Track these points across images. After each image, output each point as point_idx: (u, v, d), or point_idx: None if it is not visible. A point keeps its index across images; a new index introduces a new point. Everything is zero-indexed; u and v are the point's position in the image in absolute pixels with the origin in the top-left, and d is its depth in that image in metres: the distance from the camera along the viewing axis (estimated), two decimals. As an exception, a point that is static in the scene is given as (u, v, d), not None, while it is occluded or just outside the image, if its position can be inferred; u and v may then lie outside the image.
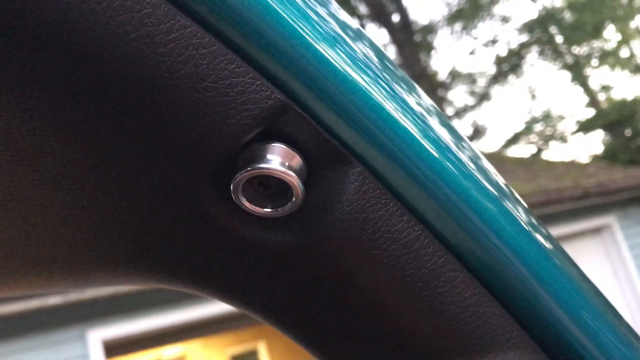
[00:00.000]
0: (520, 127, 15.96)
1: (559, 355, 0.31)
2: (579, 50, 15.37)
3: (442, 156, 0.28)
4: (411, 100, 0.29)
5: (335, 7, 0.28)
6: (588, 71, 15.57)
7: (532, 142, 15.67)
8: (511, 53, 15.45)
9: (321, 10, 0.26)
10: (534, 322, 0.30)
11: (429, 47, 15.73)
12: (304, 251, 0.27)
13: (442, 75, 16.03)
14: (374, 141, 0.26)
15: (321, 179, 0.27)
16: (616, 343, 0.33)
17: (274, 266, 0.28)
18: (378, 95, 0.26)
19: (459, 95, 17.54)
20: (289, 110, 0.25)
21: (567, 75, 15.86)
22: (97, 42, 0.21)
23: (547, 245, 0.32)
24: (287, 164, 0.26)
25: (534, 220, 0.33)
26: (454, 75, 15.97)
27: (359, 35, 0.29)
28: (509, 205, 0.30)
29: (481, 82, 15.96)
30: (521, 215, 0.31)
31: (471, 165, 0.30)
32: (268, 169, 0.25)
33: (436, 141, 0.28)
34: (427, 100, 0.32)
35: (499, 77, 15.71)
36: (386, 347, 0.30)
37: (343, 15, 0.28)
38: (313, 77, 0.25)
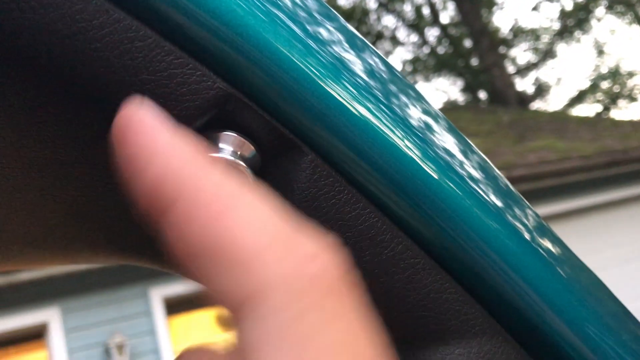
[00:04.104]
0: (586, 84, 15.36)
1: (529, 341, 0.31)
2: (652, 2, 14.55)
3: (400, 141, 0.27)
4: (369, 83, 0.28)
5: None
6: (661, 24, 14.74)
7: (598, 101, 15.08)
8: (577, 7, 14.77)
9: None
10: (503, 309, 0.30)
11: (490, 3, 15.21)
12: None
13: (504, 32, 15.52)
14: (324, 128, 0.26)
15: (274, 167, 0.27)
16: (601, 334, 0.32)
17: None
18: (326, 80, 0.26)
19: (521, 53, 16.97)
20: (234, 100, 0.25)
21: (638, 29, 15.08)
22: (29, 41, 0.22)
23: (525, 231, 0.31)
24: (238, 153, 0.26)
25: (513, 207, 0.32)
26: (517, 31, 15.42)
27: (312, 18, 0.28)
28: (477, 190, 0.30)
29: (545, 39, 15.37)
30: (493, 200, 0.30)
31: (439, 149, 0.29)
32: (218, 158, 0.25)
33: (394, 126, 0.28)
34: (398, 83, 0.31)
35: (564, 33, 15.08)
36: None
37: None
38: (256, 65, 0.25)
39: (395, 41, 16.18)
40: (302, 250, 0.16)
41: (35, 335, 5.34)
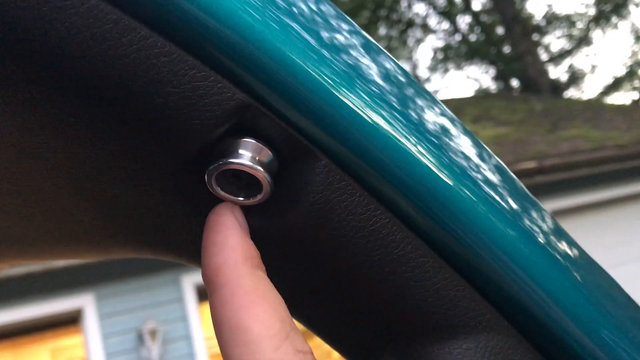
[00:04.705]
0: (622, 71, 15.02)
1: (537, 337, 0.32)
2: (692, -14, 14.14)
3: (412, 146, 0.29)
4: (382, 89, 0.29)
5: (301, 6, 0.29)
6: (702, 9, 14.33)
7: (635, 88, 14.74)
8: (614, -8, 14.44)
9: (284, 12, 0.27)
10: (511, 306, 0.31)
11: (523, -11, 14.97)
12: (278, 237, 0.29)
13: (537, 19, 15.25)
14: (336, 135, 0.27)
15: (290, 172, 0.28)
16: (611, 333, 0.33)
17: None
18: (339, 89, 0.27)
19: (555, 40, 16.65)
20: (253, 109, 0.27)
21: (678, 14, 14.68)
22: (64, 58, 0.23)
23: (537, 234, 0.32)
24: (257, 158, 0.27)
25: (526, 210, 0.33)
26: (550, 18, 15.15)
27: (326, 25, 0.29)
28: (489, 194, 0.31)
29: (580, 25, 15.07)
30: (505, 204, 0.31)
31: (451, 154, 0.30)
32: (238, 163, 0.27)
33: (407, 131, 0.29)
34: (411, 87, 0.32)
35: (600, 19, 14.76)
36: (356, 327, 0.32)
37: (308, 11, 0.29)
38: (273, 77, 0.26)
39: (426, 29, 16.03)
40: (293, 345, 0.23)
41: (71, 321, 5.49)
